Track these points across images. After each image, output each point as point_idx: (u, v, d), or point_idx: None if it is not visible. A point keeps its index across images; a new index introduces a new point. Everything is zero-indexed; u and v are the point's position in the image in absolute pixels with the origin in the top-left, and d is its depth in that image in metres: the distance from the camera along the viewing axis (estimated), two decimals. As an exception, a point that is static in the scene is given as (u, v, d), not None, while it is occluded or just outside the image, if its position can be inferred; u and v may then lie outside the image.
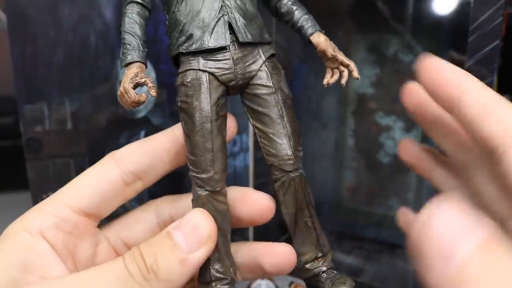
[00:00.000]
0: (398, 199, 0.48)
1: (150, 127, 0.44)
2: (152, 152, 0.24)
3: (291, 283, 0.42)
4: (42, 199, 0.24)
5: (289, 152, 0.22)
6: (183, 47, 0.22)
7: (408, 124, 0.45)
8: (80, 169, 0.25)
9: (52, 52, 0.40)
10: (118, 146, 0.25)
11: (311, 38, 0.23)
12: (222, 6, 0.22)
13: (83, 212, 0.23)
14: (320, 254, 0.23)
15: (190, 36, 0.22)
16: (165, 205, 0.26)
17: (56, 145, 0.43)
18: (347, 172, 0.49)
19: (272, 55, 0.23)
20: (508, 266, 0.13)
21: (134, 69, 0.21)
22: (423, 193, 0.47)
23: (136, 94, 0.21)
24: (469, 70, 0.36)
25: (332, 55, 0.23)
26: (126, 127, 0.44)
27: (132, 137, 0.44)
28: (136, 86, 0.21)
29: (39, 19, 0.39)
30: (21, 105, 0.40)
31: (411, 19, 0.43)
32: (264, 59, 0.23)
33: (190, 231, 0.20)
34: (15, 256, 0.21)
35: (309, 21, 0.24)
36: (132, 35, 0.22)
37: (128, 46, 0.22)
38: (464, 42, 0.36)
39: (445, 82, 0.19)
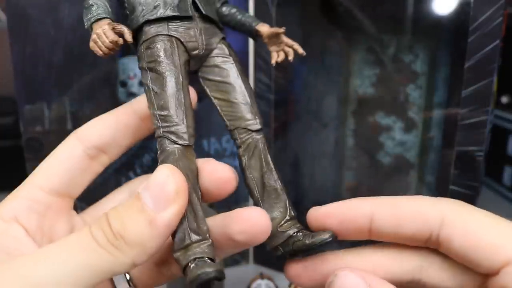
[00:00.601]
0: (398, 199, 0.48)
1: (150, 127, 0.44)
2: (112, 126, 0.25)
3: (291, 283, 0.42)
4: (42, 199, 0.24)
5: (253, 114, 0.24)
6: (150, 15, 0.23)
7: (408, 124, 0.45)
8: (80, 169, 0.25)
9: (52, 52, 0.40)
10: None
11: (257, 27, 0.26)
12: None
13: (56, 192, 0.23)
14: (293, 215, 0.23)
15: (157, 6, 0.23)
16: (138, 182, 0.27)
17: (56, 145, 0.43)
18: (347, 172, 0.49)
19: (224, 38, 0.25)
20: None
21: (105, 22, 0.22)
22: (423, 193, 0.47)
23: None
24: (469, 70, 0.36)
25: (281, 32, 0.25)
26: (126, 127, 0.44)
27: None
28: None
29: (39, 19, 0.39)
30: (21, 105, 0.40)
31: (411, 19, 0.43)
32: (221, 36, 0.25)
33: (157, 189, 0.19)
34: None
35: (252, 17, 0.26)
36: (98, 4, 0.23)
37: (95, 7, 0.23)
38: (464, 42, 0.36)
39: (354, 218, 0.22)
